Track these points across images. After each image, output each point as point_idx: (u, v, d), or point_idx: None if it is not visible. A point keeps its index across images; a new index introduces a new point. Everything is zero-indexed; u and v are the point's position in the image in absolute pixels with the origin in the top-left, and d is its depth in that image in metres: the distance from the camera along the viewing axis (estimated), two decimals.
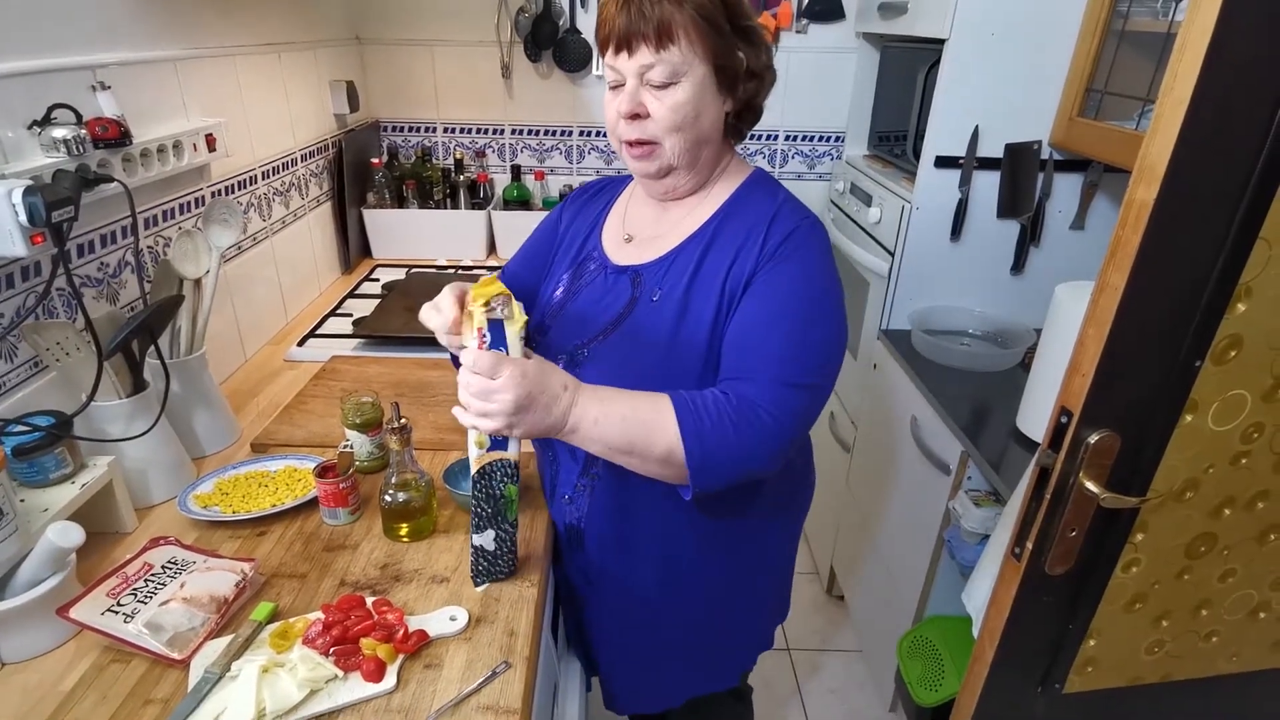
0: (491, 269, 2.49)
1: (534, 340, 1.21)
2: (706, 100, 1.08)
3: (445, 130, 2.77)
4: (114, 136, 1.27)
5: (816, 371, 1.07)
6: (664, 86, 1.06)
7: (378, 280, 2.35)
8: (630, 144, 1.11)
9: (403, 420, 1.16)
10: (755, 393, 1.03)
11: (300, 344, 1.89)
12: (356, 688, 0.93)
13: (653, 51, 1.03)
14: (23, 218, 1.04)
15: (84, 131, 1.22)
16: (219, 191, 1.72)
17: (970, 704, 1.28)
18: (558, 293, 1.24)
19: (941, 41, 1.86)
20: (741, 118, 1.16)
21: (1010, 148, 1.92)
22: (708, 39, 1.04)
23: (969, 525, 1.64)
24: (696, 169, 1.15)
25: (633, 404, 1.02)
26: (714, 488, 1.04)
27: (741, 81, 1.10)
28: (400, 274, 2.39)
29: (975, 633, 1.31)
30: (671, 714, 1.51)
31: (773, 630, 1.48)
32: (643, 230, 1.22)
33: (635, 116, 1.08)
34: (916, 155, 2.05)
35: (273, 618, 1.03)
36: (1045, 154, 1.93)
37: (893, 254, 2.11)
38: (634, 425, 1.00)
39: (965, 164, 1.96)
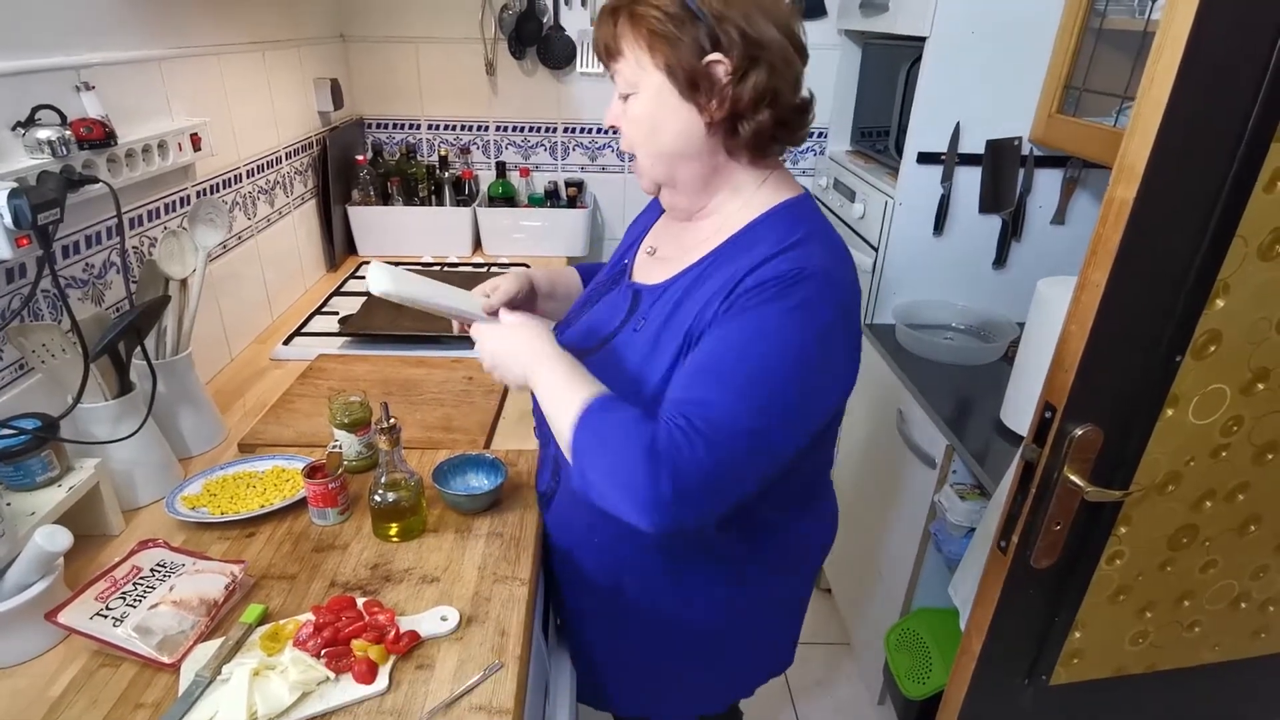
0: (477, 265, 2.49)
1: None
2: (665, 111, 1.00)
3: (430, 127, 2.76)
4: (99, 137, 1.26)
5: (736, 418, 0.91)
6: (626, 98, 1.04)
7: (363, 278, 2.33)
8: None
9: (391, 420, 1.16)
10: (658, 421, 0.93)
11: (286, 342, 1.89)
12: (348, 689, 0.93)
13: (610, 64, 1.04)
14: (7, 220, 1.03)
15: (68, 132, 1.21)
16: (204, 191, 1.71)
17: (958, 697, 1.30)
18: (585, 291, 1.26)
19: (922, 39, 1.87)
20: (746, 126, 1.01)
21: (991, 144, 1.94)
22: (654, 45, 0.97)
23: (954, 519, 1.65)
24: (679, 188, 1.08)
25: (572, 376, 1.01)
26: (587, 491, 0.96)
27: (715, 84, 0.97)
28: None
29: (962, 626, 1.33)
30: None
31: (744, 680, 1.38)
32: (664, 247, 1.18)
33: (616, 129, 1.08)
34: (899, 151, 2.06)
35: (263, 620, 1.03)
36: (1026, 150, 1.95)
37: (876, 249, 2.12)
38: (555, 390, 1.00)
39: (947, 160, 1.97)
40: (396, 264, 2.41)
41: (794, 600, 1.36)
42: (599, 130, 2.75)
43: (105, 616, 0.98)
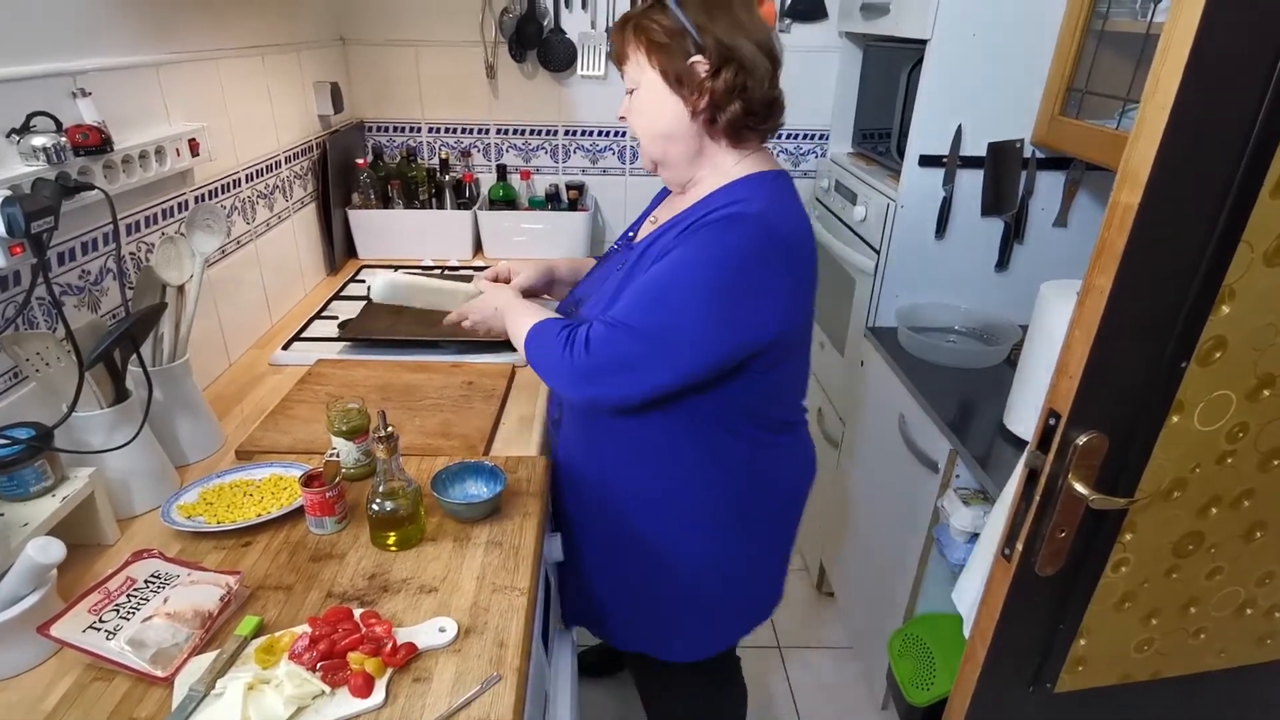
0: (478, 268, 2.48)
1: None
2: (659, 101, 1.24)
3: (430, 130, 2.75)
4: (95, 143, 1.25)
5: (641, 316, 1.19)
6: (631, 93, 1.29)
7: (363, 282, 2.33)
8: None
9: (389, 428, 1.15)
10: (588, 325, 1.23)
11: (285, 347, 1.88)
12: (344, 703, 0.92)
13: (620, 66, 1.29)
14: (1, 229, 1.03)
15: (64, 139, 1.20)
16: (202, 196, 1.70)
17: (962, 704, 1.29)
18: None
19: (924, 42, 1.86)
20: (721, 115, 1.22)
21: (993, 146, 1.93)
22: (651, 51, 1.23)
23: (958, 524, 1.64)
24: (670, 165, 1.31)
25: (526, 313, 1.37)
26: (541, 376, 1.32)
27: (695, 79, 1.20)
28: None
29: (966, 632, 1.32)
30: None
31: (731, 624, 1.56)
32: (663, 215, 1.38)
33: (624, 120, 1.33)
34: (900, 153, 2.05)
35: (258, 632, 1.02)
36: (1028, 152, 1.94)
37: (878, 252, 2.11)
38: (514, 325, 1.38)
39: (949, 162, 1.96)
40: (397, 268, 2.43)
41: (768, 537, 1.50)
42: (600, 133, 2.74)
43: (98, 629, 0.97)
